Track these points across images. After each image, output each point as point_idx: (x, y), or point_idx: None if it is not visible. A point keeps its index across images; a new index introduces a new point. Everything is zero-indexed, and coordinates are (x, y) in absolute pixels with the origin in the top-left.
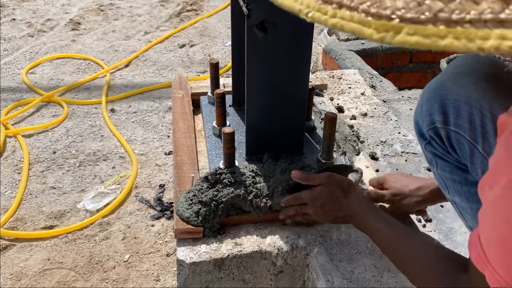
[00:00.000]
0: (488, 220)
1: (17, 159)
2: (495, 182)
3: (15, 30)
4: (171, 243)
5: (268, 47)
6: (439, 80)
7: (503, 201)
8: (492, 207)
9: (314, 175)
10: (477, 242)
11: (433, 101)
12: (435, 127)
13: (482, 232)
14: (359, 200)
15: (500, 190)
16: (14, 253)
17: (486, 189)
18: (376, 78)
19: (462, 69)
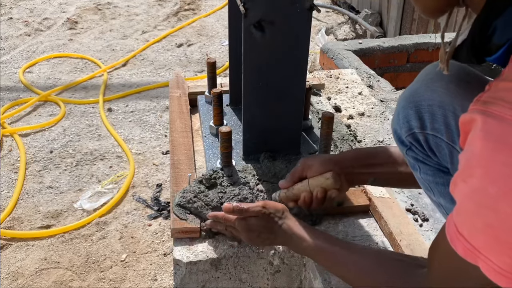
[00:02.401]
0: (468, 212)
1: (13, 158)
2: (468, 175)
3: (12, 29)
4: (168, 243)
5: (265, 47)
6: (412, 88)
7: (482, 191)
8: (471, 199)
9: (248, 208)
10: (459, 235)
11: (408, 108)
12: (413, 133)
13: (462, 225)
14: (294, 224)
15: (478, 182)
16: (11, 253)
17: (459, 184)
18: (373, 77)
19: (433, 75)
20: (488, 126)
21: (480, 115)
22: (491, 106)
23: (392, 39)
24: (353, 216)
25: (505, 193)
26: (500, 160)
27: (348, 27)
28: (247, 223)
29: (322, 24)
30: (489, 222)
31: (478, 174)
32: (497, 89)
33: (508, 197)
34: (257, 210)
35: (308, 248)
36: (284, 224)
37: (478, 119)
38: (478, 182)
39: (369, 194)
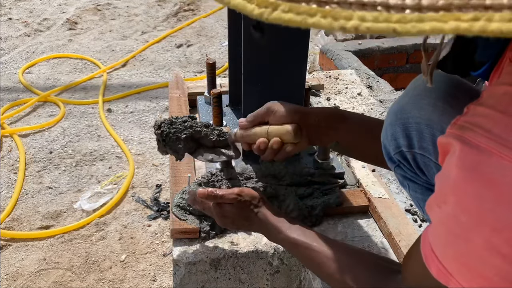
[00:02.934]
0: (441, 237)
1: (13, 159)
2: (442, 201)
3: (12, 30)
4: (167, 243)
5: (264, 47)
6: (400, 103)
7: (454, 220)
8: (444, 226)
9: (223, 194)
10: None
11: (395, 125)
12: (401, 151)
13: (436, 247)
14: (271, 214)
15: (450, 209)
16: (10, 253)
17: (435, 208)
18: (372, 78)
19: (420, 91)
20: (464, 154)
21: (456, 140)
22: (468, 132)
23: (392, 40)
24: (352, 217)
25: (476, 223)
26: (472, 190)
27: None
28: (221, 209)
29: None
30: (459, 251)
31: (451, 202)
32: (475, 113)
33: (479, 228)
34: (232, 198)
35: (284, 240)
36: (259, 213)
37: (454, 144)
38: (451, 210)
39: (368, 194)
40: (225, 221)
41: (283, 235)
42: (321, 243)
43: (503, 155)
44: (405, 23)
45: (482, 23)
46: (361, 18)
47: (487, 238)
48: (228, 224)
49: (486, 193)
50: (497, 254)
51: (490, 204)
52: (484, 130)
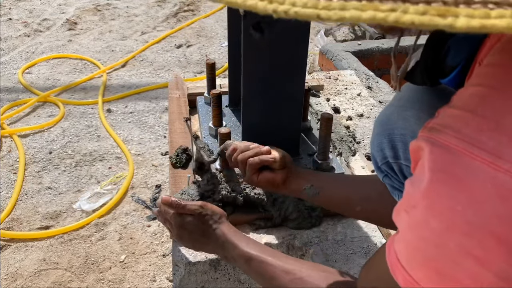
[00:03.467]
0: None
1: (13, 159)
2: (411, 206)
3: (11, 30)
4: (167, 244)
5: (264, 48)
6: (385, 114)
7: (424, 225)
8: (412, 232)
9: (185, 204)
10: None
11: (382, 136)
12: (387, 162)
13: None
14: (229, 231)
15: (420, 214)
16: (10, 254)
17: (402, 214)
18: (372, 79)
19: (404, 102)
20: (434, 156)
21: (426, 143)
22: (437, 134)
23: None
24: None
25: (448, 227)
26: (444, 192)
27: (347, 29)
28: (181, 219)
29: (321, 25)
30: (429, 256)
31: (421, 206)
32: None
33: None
34: (194, 209)
35: (240, 255)
36: (218, 229)
37: (424, 147)
38: (420, 215)
39: None
40: (182, 232)
41: (238, 251)
42: (276, 257)
43: (473, 155)
44: (329, 10)
45: (397, 14)
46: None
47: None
48: (185, 237)
49: (458, 195)
50: (469, 257)
51: (461, 206)
52: (454, 131)
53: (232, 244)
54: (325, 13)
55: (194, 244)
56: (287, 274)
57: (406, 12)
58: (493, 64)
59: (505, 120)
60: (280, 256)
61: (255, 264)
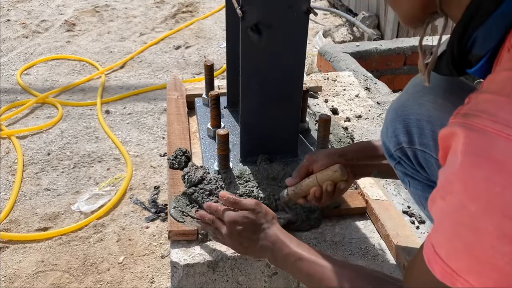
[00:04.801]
0: (447, 232)
1: (11, 160)
2: (448, 192)
3: (10, 31)
4: (165, 245)
5: (262, 49)
6: (400, 100)
7: (461, 209)
8: (449, 218)
9: (241, 200)
10: (436, 257)
11: (396, 122)
12: (401, 147)
13: (439, 245)
14: (280, 232)
15: (457, 199)
16: (8, 255)
17: (438, 201)
18: (370, 80)
19: (420, 88)
20: (470, 140)
21: (461, 128)
22: (472, 118)
23: (390, 42)
24: (350, 219)
25: (487, 210)
26: (481, 175)
27: (346, 30)
28: (235, 214)
29: (320, 27)
30: (469, 242)
31: (457, 191)
32: (478, 101)
33: (490, 214)
34: (250, 205)
35: (290, 254)
36: (270, 229)
37: (459, 132)
38: (458, 199)
39: (366, 196)
40: (234, 229)
41: (289, 250)
42: (327, 259)
43: (510, 137)
44: None
45: None
46: None
47: (498, 225)
48: (235, 235)
49: (495, 177)
50: (509, 241)
51: (500, 188)
52: (490, 115)
53: (283, 243)
54: None
55: (243, 242)
56: (336, 276)
57: None
58: None
59: None
60: (329, 258)
61: (305, 265)
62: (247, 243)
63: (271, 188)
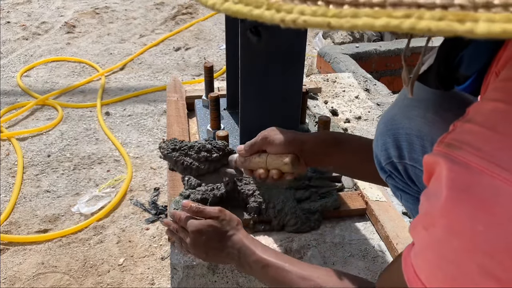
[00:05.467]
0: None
1: (11, 162)
2: (430, 224)
3: (10, 33)
4: (165, 247)
5: (262, 51)
6: (390, 113)
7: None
8: (432, 250)
9: (204, 209)
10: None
11: (386, 136)
12: (392, 161)
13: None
14: (246, 238)
15: (440, 233)
16: (8, 257)
17: (421, 230)
18: (370, 81)
19: (410, 101)
20: (453, 174)
21: (444, 159)
22: (456, 150)
23: (389, 43)
24: (350, 220)
25: (469, 248)
26: (464, 212)
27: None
28: (199, 223)
29: None
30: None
31: (441, 225)
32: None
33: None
34: (213, 213)
35: (257, 261)
36: (235, 235)
37: (442, 163)
38: (441, 234)
39: (366, 197)
40: (198, 238)
41: (255, 257)
42: (293, 264)
43: (495, 175)
44: (340, 18)
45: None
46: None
47: (480, 262)
48: (200, 244)
49: (478, 215)
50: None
51: (482, 226)
52: (474, 148)
53: (249, 250)
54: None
55: (208, 251)
56: (303, 281)
57: (421, 18)
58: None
59: None
60: (297, 263)
61: (272, 271)
62: (212, 252)
63: (270, 191)
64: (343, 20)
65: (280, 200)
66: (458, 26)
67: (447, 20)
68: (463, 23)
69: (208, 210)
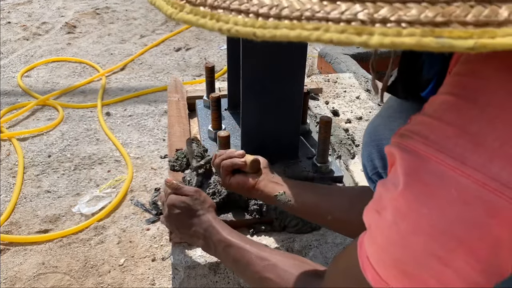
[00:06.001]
0: (377, 245)
1: (11, 162)
2: (382, 207)
3: (10, 33)
4: (166, 247)
5: (263, 51)
6: (374, 124)
7: (392, 227)
8: (381, 233)
9: (182, 187)
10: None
11: (371, 146)
12: (377, 172)
13: (371, 255)
14: (215, 219)
15: (389, 216)
16: (9, 257)
17: (373, 214)
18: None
19: (391, 112)
20: (403, 161)
21: (397, 148)
22: (407, 139)
23: None
24: None
25: (414, 230)
26: (412, 196)
27: None
28: (175, 197)
29: None
30: (397, 257)
31: (390, 209)
32: (415, 122)
33: (417, 234)
34: (188, 191)
35: (220, 241)
36: (204, 215)
37: (395, 153)
38: (390, 217)
39: None
40: (171, 212)
41: (220, 236)
42: (254, 246)
43: (439, 161)
44: (264, 29)
45: (320, 33)
46: (234, 22)
47: (424, 243)
48: (172, 217)
49: (423, 198)
50: (433, 257)
51: (427, 209)
52: (422, 137)
53: (215, 230)
54: (260, 31)
55: (178, 226)
56: (261, 260)
57: (327, 31)
58: (459, 73)
59: (470, 127)
60: (259, 245)
61: (233, 251)
62: (182, 228)
63: None
64: (266, 30)
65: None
66: (355, 38)
67: (347, 33)
68: (360, 36)
69: (185, 188)
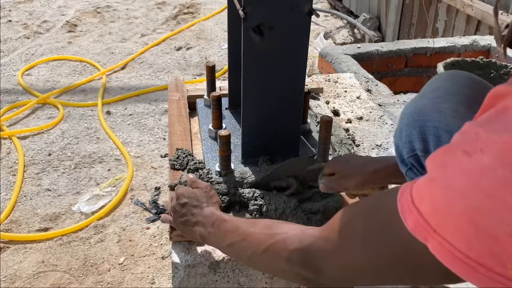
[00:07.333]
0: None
1: (12, 161)
2: (475, 149)
3: (11, 32)
4: (166, 246)
5: (264, 50)
6: (418, 104)
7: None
8: (466, 176)
9: (198, 181)
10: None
11: (412, 127)
12: (415, 155)
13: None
14: (217, 211)
15: (488, 159)
16: (8, 256)
17: (458, 154)
18: (371, 82)
19: (441, 93)
20: None
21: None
22: None
23: (390, 44)
24: None
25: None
26: None
27: (347, 32)
28: (185, 189)
29: (321, 28)
30: (476, 206)
31: (491, 152)
32: None
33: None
34: (201, 184)
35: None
36: (207, 208)
37: None
38: (488, 160)
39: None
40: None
41: (216, 216)
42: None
43: None
44: None
45: None
46: None
47: None
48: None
49: None
50: None
51: None
52: None
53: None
54: None
55: (183, 214)
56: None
57: None
58: None
59: None
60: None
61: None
62: (184, 217)
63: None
64: None
65: (281, 201)
66: None
67: None
68: None
69: (200, 182)
